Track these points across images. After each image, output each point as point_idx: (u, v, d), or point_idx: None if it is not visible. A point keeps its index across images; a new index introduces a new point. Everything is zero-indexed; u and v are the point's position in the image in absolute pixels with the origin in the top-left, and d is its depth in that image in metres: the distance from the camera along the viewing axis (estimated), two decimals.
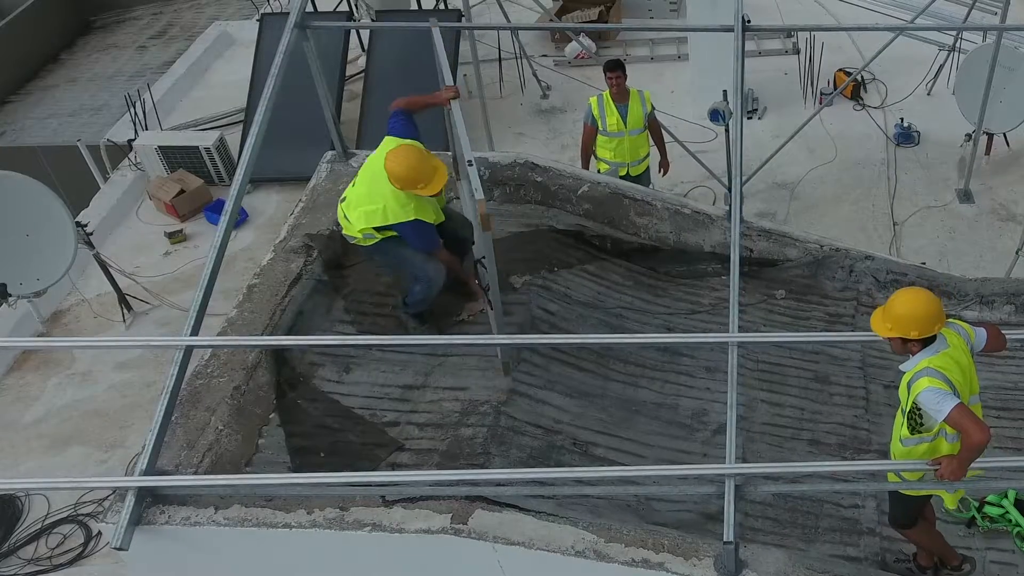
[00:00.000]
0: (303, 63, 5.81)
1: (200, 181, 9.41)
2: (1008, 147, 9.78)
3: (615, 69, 7.52)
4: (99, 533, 6.33)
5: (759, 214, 9.13)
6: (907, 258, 8.44)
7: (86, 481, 5.45)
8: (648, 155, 7.99)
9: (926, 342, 4.07)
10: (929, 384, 3.94)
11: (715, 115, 7.51)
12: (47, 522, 6.46)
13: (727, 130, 7.78)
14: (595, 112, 7.67)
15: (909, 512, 4.61)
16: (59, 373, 7.70)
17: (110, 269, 7.98)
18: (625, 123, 7.64)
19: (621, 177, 7.68)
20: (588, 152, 7.98)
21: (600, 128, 7.70)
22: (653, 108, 7.77)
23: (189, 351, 4.45)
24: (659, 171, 8.23)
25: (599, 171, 7.84)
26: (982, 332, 4.33)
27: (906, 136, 10.09)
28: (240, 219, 8.96)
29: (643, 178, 7.99)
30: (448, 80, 5.63)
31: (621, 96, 7.61)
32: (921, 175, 9.72)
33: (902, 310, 4.04)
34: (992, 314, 6.47)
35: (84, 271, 8.35)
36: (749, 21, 5.69)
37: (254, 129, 4.95)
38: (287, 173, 9.17)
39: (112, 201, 9.42)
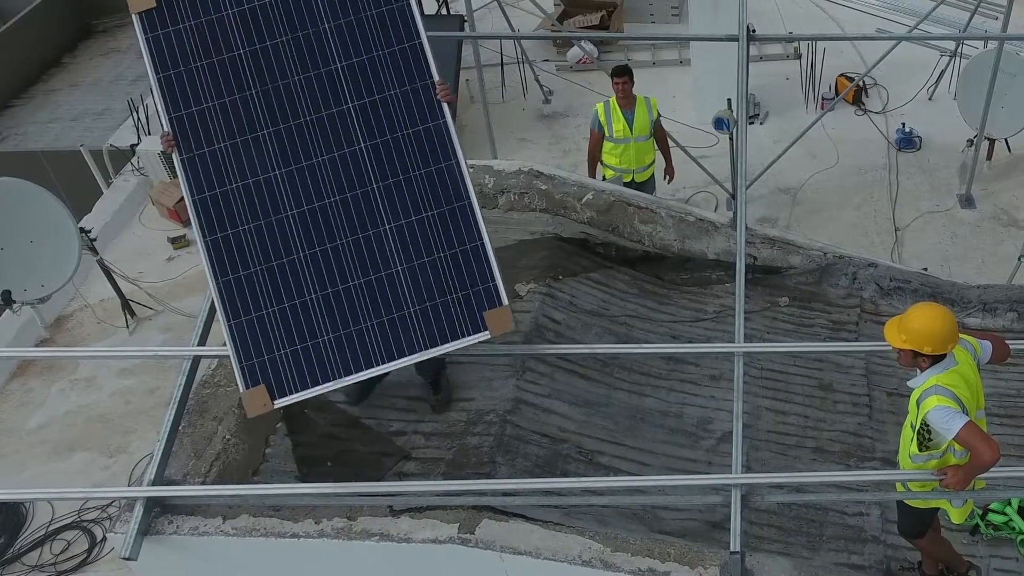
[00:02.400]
0: None
1: None
2: (1009, 152, 9.83)
3: (623, 75, 7.53)
4: (103, 539, 6.35)
5: (761, 219, 9.16)
6: (909, 263, 8.48)
7: (96, 492, 5.46)
8: (654, 162, 8.00)
9: (936, 359, 4.08)
10: (938, 403, 3.97)
11: (719, 123, 7.53)
12: (51, 528, 6.46)
13: (731, 138, 7.80)
14: (602, 118, 7.67)
15: (919, 523, 4.64)
16: (62, 379, 7.71)
17: (113, 274, 7.99)
18: (631, 129, 7.65)
19: (627, 183, 7.70)
20: (595, 158, 7.97)
21: (607, 134, 7.71)
22: (659, 115, 7.77)
23: (196, 361, 4.47)
24: (664, 178, 8.24)
25: (604, 177, 7.85)
26: (987, 345, 4.36)
27: (908, 141, 10.12)
28: None
29: (648, 184, 8.01)
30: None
31: (627, 102, 7.61)
32: (923, 180, 9.76)
33: (918, 325, 4.05)
34: (994, 321, 6.49)
35: (87, 276, 8.35)
36: (754, 31, 5.70)
37: None
38: None
39: (115, 206, 9.42)
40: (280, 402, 3.97)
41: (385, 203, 4.01)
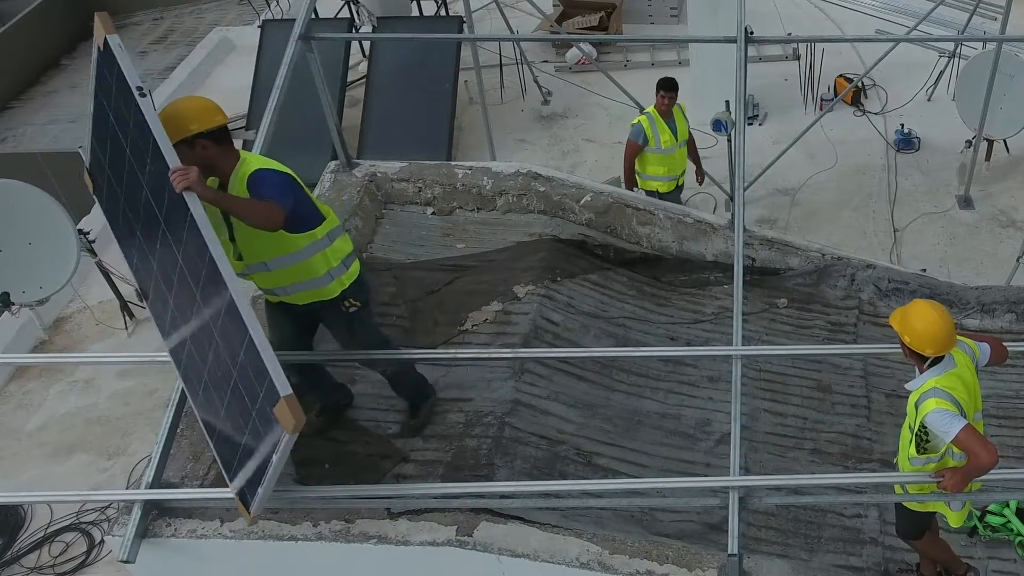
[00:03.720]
0: (304, 69, 5.82)
1: None
2: (1008, 153, 9.83)
3: (673, 89, 7.58)
4: (102, 541, 6.35)
5: (760, 220, 9.16)
6: (908, 264, 8.49)
7: (94, 495, 5.47)
8: (688, 165, 8.10)
9: (935, 360, 4.10)
10: (937, 405, 3.98)
11: (717, 124, 7.56)
12: (50, 530, 6.46)
13: (730, 140, 7.82)
14: (648, 131, 7.69)
15: (918, 525, 4.65)
16: (61, 381, 7.70)
17: (112, 276, 7.98)
18: (676, 137, 7.73)
19: (671, 191, 7.91)
20: (632, 169, 8.01)
21: (652, 146, 7.73)
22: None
23: None
24: (696, 179, 8.34)
25: (647, 189, 7.93)
26: (985, 347, 4.37)
27: (906, 142, 10.12)
28: None
29: (682, 188, 8.17)
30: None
31: (667, 112, 7.66)
32: (921, 181, 9.75)
33: (921, 326, 4.07)
34: (993, 322, 6.49)
35: (86, 278, 8.34)
36: (752, 32, 5.70)
37: (258, 144, 4.96)
38: None
39: None
40: (253, 508, 3.80)
41: (207, 308, 3.81)
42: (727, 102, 7.40)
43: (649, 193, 7.92)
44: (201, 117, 3.95)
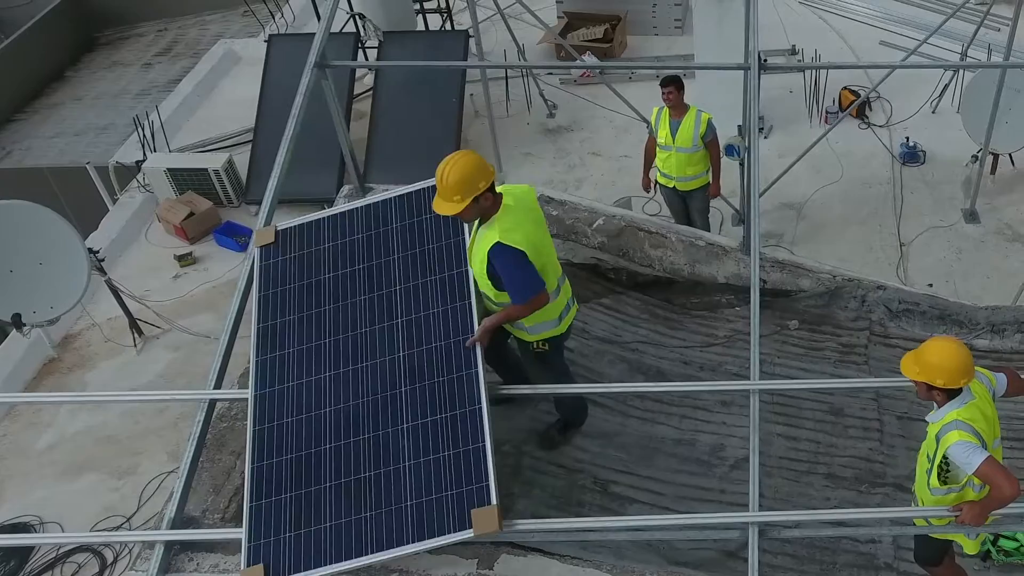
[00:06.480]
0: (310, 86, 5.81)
1: (209, 203, 9.43)
2: (1013, 166, 9.83)
3: (667, 84, 7.65)
4: (114, 562, 6.36)
5: (766, 234, 9.18)
6: (914, 279, 8.52)
7: (118, 535, 5.51)
8: (701, 175, 8.05)
9: (951, 393, 4.12)
10: (959, 438, 4.01)
11: (729, 149, 7.57)
12: (61, 551, 6.47)
13: (742, 164, 7.84)
14: (653, 121, 7.85)
15: (937, 550, 4.69)
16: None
17: (121, 294, 7.99)
18: (673, 139, 7.76)
19: (670, 188, 8.03)
20: (648, 159, 8.21)
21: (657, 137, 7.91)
22: (711, 131, 7.78)
23: (212, 404, 4.50)
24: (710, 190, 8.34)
25: (657, 179, 8.18)
26: (1002, 378, 4.40)
27: (912, 155, 10.11)
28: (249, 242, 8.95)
29: (694, 195, 8.14)
30: None
31: (677, 112, 7.71)
32: (927, 195, 9.75)
33: (933, 358, 4.10)
34: (1003, 342, 6.51)
35: (94, 295, 8.35)
36: (766, 60, 5.71)
37: (274, 177, 4.98)
38: (295, 194, 9.17)
39: (121, 223, 9.43)
40: None
41: (409, 404, 4.26)
42: (739, 126, 7.40)
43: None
44: (485, 173, 4.25)
